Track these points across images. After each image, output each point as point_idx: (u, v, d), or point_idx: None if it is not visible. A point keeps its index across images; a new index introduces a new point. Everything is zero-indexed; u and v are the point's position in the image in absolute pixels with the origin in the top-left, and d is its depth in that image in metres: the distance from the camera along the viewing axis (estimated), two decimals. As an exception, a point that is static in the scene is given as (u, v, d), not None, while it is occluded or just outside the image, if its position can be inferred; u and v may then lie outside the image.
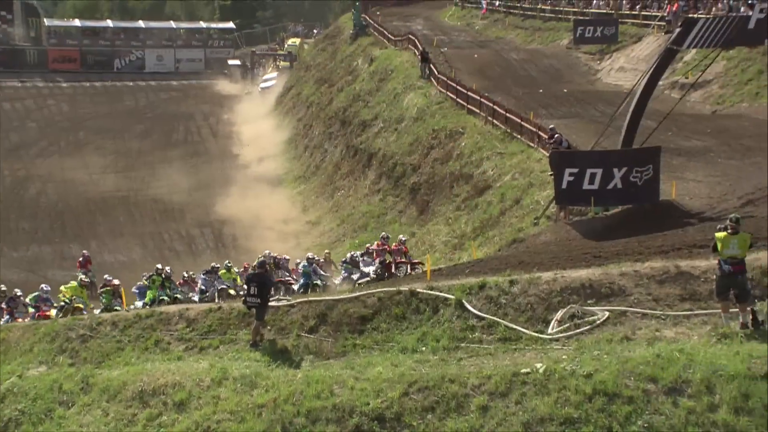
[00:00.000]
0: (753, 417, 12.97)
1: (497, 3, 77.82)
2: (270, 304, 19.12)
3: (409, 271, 28.86)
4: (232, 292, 28.37)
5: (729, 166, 31.29)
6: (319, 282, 28.38)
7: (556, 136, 32.03)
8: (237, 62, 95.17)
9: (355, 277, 28.72)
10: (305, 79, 75.30)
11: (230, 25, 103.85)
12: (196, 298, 28.60)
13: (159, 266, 29.03)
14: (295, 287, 28.52)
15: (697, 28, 26.97)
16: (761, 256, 17.09)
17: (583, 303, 16.88)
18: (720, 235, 14.85)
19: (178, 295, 28.13)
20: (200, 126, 75.53)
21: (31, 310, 27.11)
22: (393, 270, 28.86)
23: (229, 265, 30.42)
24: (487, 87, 48.72)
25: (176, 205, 54.98)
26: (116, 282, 27.78)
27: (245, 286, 19.95)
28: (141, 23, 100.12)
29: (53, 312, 26.56)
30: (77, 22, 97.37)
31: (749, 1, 44.16)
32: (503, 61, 60.16)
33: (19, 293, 28.29)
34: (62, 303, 26.79)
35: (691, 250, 20.43)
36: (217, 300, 26.86)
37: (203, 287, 29.03)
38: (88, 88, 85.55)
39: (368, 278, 28.35)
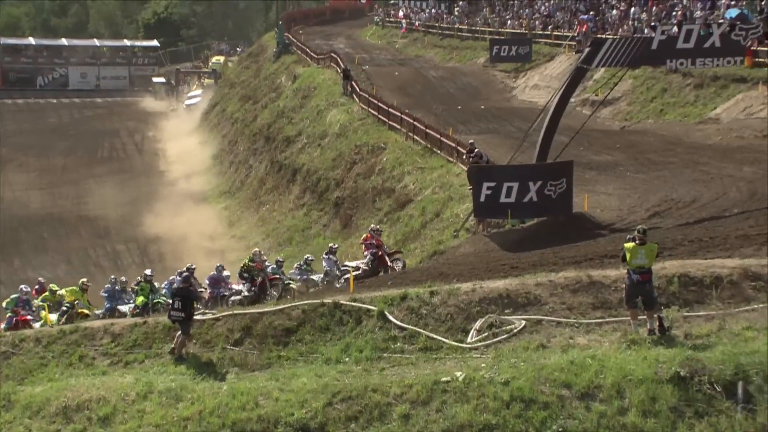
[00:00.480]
0: (659, 419, 13.27)
1: (416, 22, 78.45)
2: (195, 317, 18.94)
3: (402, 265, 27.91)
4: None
5: (637, 180, 31.93)
6: (291, 282, 27.47)
7: (477, 150, 32.36)
8: (162, 80, 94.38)
9: (316, 278, 27.85)
10: (230, 96, 74.93)
11: (154, 43, 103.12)
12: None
13: (147, 272, 27.91)
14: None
15: (605, 48, 27.42)
16: (667, 265, 17.54)
17: (501, 312, 17.07)
18: (628, 245, 15.15)
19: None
20: (125, 143, 74.57)
21: (8, 315, 25.24)
22: (388, 263, 27.66)
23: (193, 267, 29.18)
24: (407, 104, 48.98)
25: (102, 222, 54.13)
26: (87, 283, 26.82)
27: (170, 301, 19.70)
28: (64, 41, 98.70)
29: (53, 317, 24.99)
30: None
31: (652, 24, 45.26)
32: (423, 78, 60.56)
33: None
34: (64, 307, 25.34)
35: (602, 260, 20.85)
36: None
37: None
38: (10, 105, 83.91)
39: (357, 272, 27.19)
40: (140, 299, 26.15)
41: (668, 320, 15.25)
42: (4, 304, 26.17)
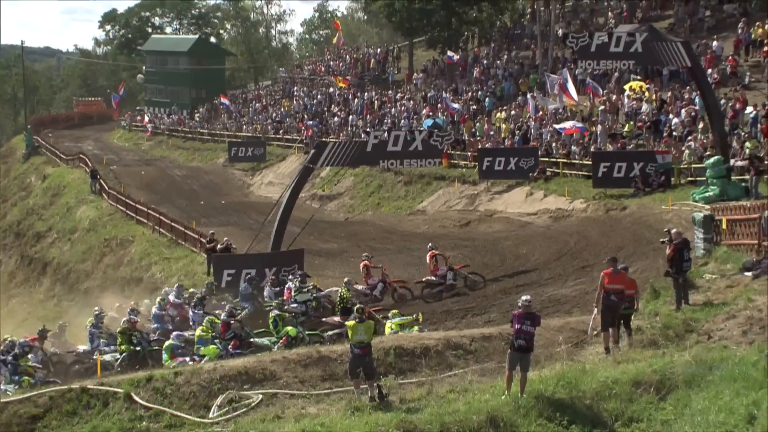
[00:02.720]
0: (378, 478, 13.46)
1: (161, 126, 77.45)
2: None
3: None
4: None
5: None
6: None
7: (225, 239, 32.25)
8: None
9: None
10: (-23, 195, 70.26)
11: None
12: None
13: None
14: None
15: (328, 150, 28.13)
16: (384, 339, 18.08)
17: (240, 388, 16.75)
18: (350, 323, 15.44)
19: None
20: None
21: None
22: (397, 289, 25.58)
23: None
24: (154, 200, 48.18)
25: None
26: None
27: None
28: None
29: None
30: None
31: (367, 129, 47.28)
32: (168, 177, 59.82)
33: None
34: None
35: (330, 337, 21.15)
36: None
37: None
38: None
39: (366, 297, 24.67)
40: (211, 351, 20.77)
41: (386, 388, 15.58)
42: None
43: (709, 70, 36.66)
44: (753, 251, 20.35)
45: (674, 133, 34.54)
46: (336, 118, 57.64)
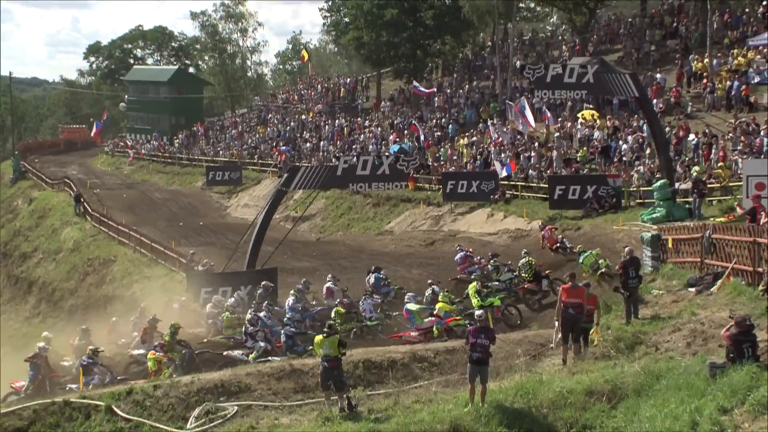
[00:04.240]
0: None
1: (142, 152, 76.93)
2: None
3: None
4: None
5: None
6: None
7: (206, 261, 32.00)
8: None
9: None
10: (-34, 218, 69.29)
11: None
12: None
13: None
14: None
15: (300, 174, 28.16)
16: (354, 352, 18.02)
17: (216, 400, 16.62)
18: (317, 339, 15.40)
19: None
20: None
21: None
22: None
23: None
24: (135, 221, 47.72)
25: None
26: None
27: None
28: None
29: None
30: None
31: (337, 155, 47.32)
32: (149, 199, 59.33)
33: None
34: None
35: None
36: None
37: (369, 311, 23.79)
38: None
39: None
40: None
41: (355, 399, 15.52)
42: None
43: (655, 100, 37.18)
44: (696, 268, 20.59)
45: (624, 159, 34.94)
46: (308, 144, 57.60)
